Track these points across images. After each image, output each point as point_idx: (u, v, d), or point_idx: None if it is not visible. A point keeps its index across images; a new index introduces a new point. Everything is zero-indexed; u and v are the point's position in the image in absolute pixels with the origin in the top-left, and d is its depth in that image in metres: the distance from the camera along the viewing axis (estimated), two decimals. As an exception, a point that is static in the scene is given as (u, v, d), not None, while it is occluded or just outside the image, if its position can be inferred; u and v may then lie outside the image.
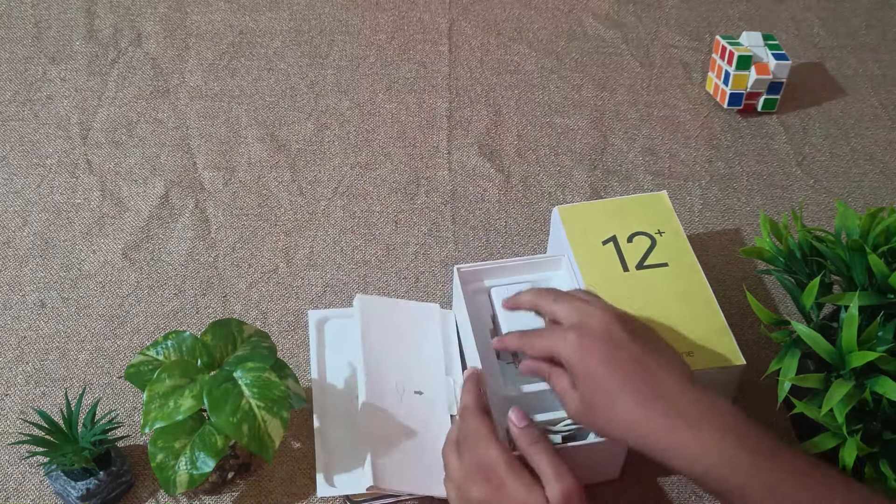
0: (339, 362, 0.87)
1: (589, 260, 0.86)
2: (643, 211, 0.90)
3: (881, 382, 0.69)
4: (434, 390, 0.84)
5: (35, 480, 0.81)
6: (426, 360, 0.85)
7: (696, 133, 1.13)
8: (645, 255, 0.86)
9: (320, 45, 1.23)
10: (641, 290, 0.83)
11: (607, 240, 0.87)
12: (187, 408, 0.71)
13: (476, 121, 1.13)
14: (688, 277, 0.84)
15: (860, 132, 1.14)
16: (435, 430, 0.81)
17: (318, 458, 0.80)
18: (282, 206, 1.03)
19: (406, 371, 0.84)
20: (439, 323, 0.88)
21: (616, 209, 0.90)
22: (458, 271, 0.85)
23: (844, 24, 1.28)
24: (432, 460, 0.78)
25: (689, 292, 0.83)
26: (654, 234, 0.88)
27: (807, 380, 0.71)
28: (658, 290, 0.83)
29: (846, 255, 0.74)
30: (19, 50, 1.20)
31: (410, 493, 0.77)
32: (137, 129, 1.11)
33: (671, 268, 0.85)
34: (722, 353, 0.79)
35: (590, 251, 0.86)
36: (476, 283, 0.87)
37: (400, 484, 0.77)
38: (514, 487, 0.66)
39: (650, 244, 0.87)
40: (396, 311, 0.88)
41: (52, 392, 0.87)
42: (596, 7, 1.29)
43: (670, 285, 0.84)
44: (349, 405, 0.83)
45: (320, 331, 0.89)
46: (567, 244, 0.87)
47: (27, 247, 0.99)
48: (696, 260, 0.86)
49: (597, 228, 0.88)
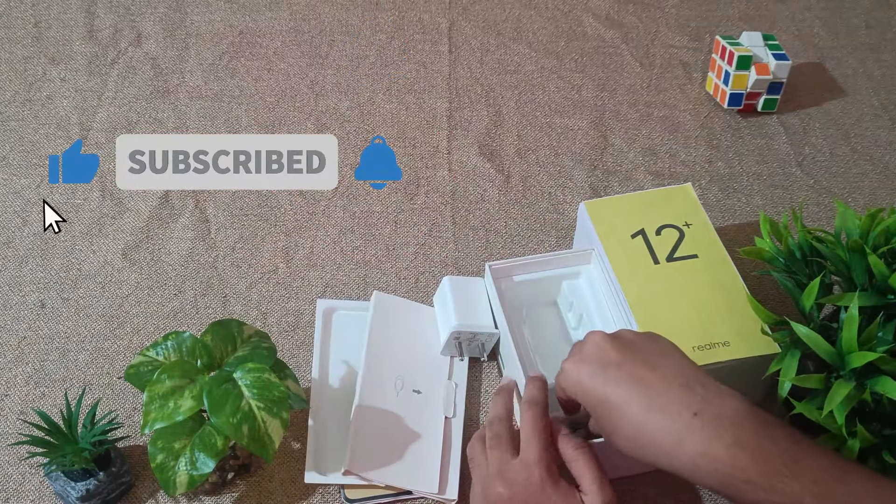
0: (342, 352, 0.87)
1: (619, 254, 0.86)
2: (669, 203, 0.91)
3: (882, 382, 0.69)
4: (433, 391, 0.84)
5: (35, 481, 0.81)
6: (431, 363, 0.86)
7: (696, 133, 1.13)
8: (674, 248, 0.87)
9: (320, 45, 1.23)
10: (673, 282, 0.84)
11: (636, 233, 0.88)
12: (187, 408, 0.71)
13: (476, 121, 1.13)
14: (718, 268, 0.85)
15: (860, 132, 1.14)
16: (426, 427, 0.82)
17: (309, 446, 0.81)
18: (282, 206, 1.03)
19: (408, 369, 0.85)
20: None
21: (642, 202, 0.91)
22: (489, 268, 0.86)
23: (844, 24, 1.28)
24: (418, 456, 0.80)
25: (721, 283, 0.84)
26: (681, 227, 0.88)
27: (807, 380, 0.71)
28: (690, 281, 0.84)
29: (846, 256, 0.74)
30: (19, 50, 1.20)
31: (387, 483, 0.78)
32: (137, 129, 1.11)
33: (701, 259, 0.86)
34: (757, 342, 0.79)
35: (619, 245, 0.87)
36: (507, 279, 0.88)
37: (376, 472, 0.78)
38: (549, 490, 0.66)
39: (679, 236, 0.88)
40: (410, 312, 0.90)
41: (52, 392, 0.87)
42: (596, 7, 1.29)
43: (702, 276, 0.85)
44: (347, 394, 0.84)
45: (327, 320, 0.90)
46: (596, 239, 0.88)
47: (27, 247, 0.99)
48: (726, 251, 0.87)
49: (624, 222, 0.89)
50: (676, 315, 0.82)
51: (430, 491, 0.79)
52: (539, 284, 0.88)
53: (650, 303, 0.83)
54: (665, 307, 0.82)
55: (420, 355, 0.86)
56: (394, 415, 0.82)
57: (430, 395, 0.84)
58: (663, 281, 0.84)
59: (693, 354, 0.78)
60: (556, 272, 0.89)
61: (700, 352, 0.79)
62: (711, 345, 0.79)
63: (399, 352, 0.86)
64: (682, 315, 0.82)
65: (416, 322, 0.89)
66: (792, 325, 0.73)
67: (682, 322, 0.81)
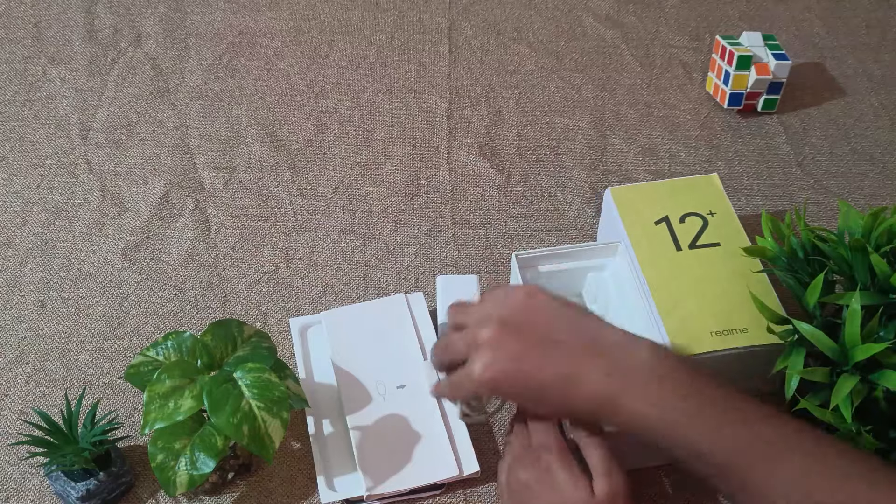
0: (326, 367, 0.87)
1: (642, 239, 0.87)
2: (694, 192, 0.92)
3: (885, 376, 0.69)
4: (415, 380, 0.85)
5: (35, 481, 0.81)
6: (403, 352, 0.87)
7: (696, 133, 1.13)
8: (697, 235, 0.88)
9: (320, 45, 1.22)
10: (695, 268, 0.85)
11: (660, 220, 0.89)
12: (187, 408, 0.71)
13: (476, 121, 1.13)
14: (740, 257, 0.85)
15: (860, 132, 1.14)
16: (422, 417, 0.82)
17: (317, 464, 0.80)
18: (282, 206, 1.03)
19: (384, 370, 0.85)
20: (408, 311, 0.90)
21: (668, 191, 0.92)
22: (516, 258, 0.87)
23: (844, 24, 1.28)
24: (427, 447, 0.80)
25: (743, 272, 0.84)
26: (705, 215, 0.89)
27: (814, 373, 0.72)
28: (711, 269, 0.85)
29: (848, 255, 0.74)
30: (19, 50, 1.20)
31: (410, 486, 0.78)
32: (137, 129, 1.11)
33: (723, 247, 0.87)
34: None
35: (643, 231, 0.88)
36: (532, 268, 0.88)
37: (395, 482, 0.78)
38: (560, 476, 0.66)
39: (702, 224, 0.89)
40: (363, 315, 0.90)
41: (52, 392, 0.87)
42: (596, 7, 1.29)
43: (723, 264, 0.85)
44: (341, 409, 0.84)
45: (304, 337, 0.89)
46: (620, 224, 0.89)
47: (27, 247, 0.99)
48: (748, 240, 0.87)
49: (649, 209, 0.90)
50: (696, 300, 0.82)
51: (451, 475, 0.79)
52: (564, 276, 0.89)
53: (670, 288, 0.83)
54: (685, 292, 0.83)
55: (390, 351, 0.87)
56: (388, 419, 0.82)
57: (414, 384, 0.84)
58: (684, 267, 0.85)
59: (711, 339, 0.80)
60: (582, 264, 0.89)
61: (717, 337, 0.80)
62: (729, 331, 0.80)
63: (369, 358, 0.86)
64: (701, 300, 0.82)
65: (372, 320, 0.89)
66: (794, 322, 0.73)
67: (701, 307, 0.82)
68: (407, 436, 0.81)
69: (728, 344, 0.80)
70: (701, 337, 0.80)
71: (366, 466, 0.78)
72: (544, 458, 0.67)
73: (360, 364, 0.86)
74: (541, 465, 0.67)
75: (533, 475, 0.67)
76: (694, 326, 0.81)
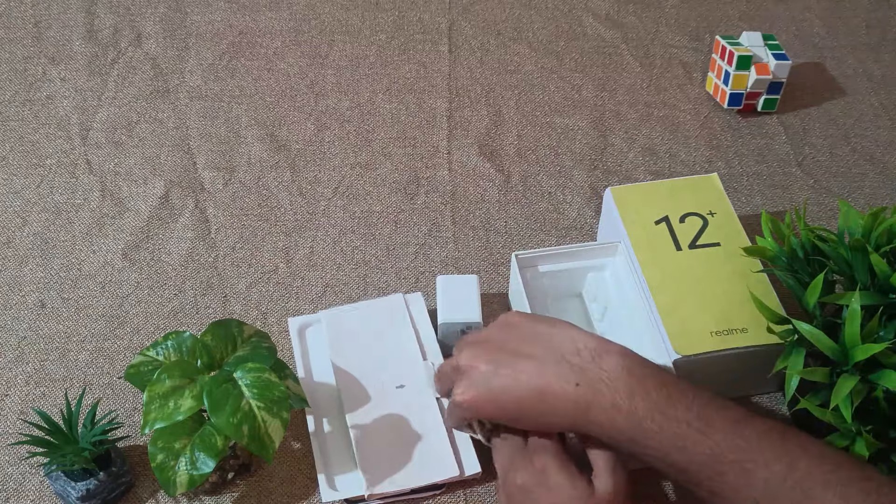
0: (325, 366, 0.87)
1: (642, 239, 0.88)
2: (694, 192, 0.92)
3: (885, 376, 0.69)
4: (414, 379, 0.84)
5: (35, 481, 0.81)
6: (402, 352, 0.87)
7: (696, 133, 1.13)
8: (697, 235, 0.88)
9: (320, 45, 1.23)
10: (694, 268, 0.85)
11: (660, 220, 0.89)
12: (187, 408, 0.71)
13: (476, 121, 1.13)
14: (740, 257, 0.85)
15: (860, 132, 1.14)
16: (422, 417, 0.82)
17: (318, 463, 0.80)
18: (282, 206, 1.03)
19: (384, 369, 0.85)
20: (407, 311, 0.90)
21: (668, 190, 0.92)
22: (516, 258, 0.87)
23: (844, 24, 1.28)
24: (427, 448, 0.80)
25: (743, 272, 0.84)
26: (705, 215, 0.90)
27: (814, 373, 0.72)
28: (711, 269, 0.85)
29: (848, 255, 0.74)
30: (19, 50, 1.20)
31: (410, 486, 0.78)
32: (137, 129, 1.11)
33: (723, 248, 0.87)
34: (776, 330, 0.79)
35: (643, 230, 0.88)
36: (532, 268, 0.88)
37: (396, 481, 0.78)
38: (557, 476, 0.66)
39: (702, 224, 0.89)
40: (361, 315, 0.89)
41: (52, 392, 0.87)
42: (596, 7, 1.29)
43: (723, 265, 0.86)
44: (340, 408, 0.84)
45: (302, 337, 0.89)
46: (620, 224, 0.89)
47: (27, 247, 0.99)
48: (748, 240, 0.87)
49: (649, 209, 0.90)
50: (696, 300, 0.83)
51: (452, 476, 0.79)
52: (564, 276, 0.89)
53: (670, 288, 0.84)
54: (685, 292, 0.83)
55: (390, 351, 0.87)
56: (388, 420, 0.82)
57: (414, 384, 0.84)
58: (684, 267, 0.85)
59: (711, 339, 0.80)
60: (582, 264, 0.90)
61: (717, 337, 0.80)
62: (729, 330, 0.80)
63: (368, 358, 0.86)
64: (701, 300, 0.83)
65: (371, 320, 0.89)
66: (794, 322, 0.73)
67: (701, 307, 0.82)
68: (407, 436, 0.81)
69: (728, 344, 0.80)
70: (701, 337, 0.80)
71: (366, 466, 0.78)
72: (539, 460, 0.67)
73: (359, 363, 0.86)
74: (536, 466, 0.67)
75: (529, 478, 0.67)
76: (694, 326, 0.81)
